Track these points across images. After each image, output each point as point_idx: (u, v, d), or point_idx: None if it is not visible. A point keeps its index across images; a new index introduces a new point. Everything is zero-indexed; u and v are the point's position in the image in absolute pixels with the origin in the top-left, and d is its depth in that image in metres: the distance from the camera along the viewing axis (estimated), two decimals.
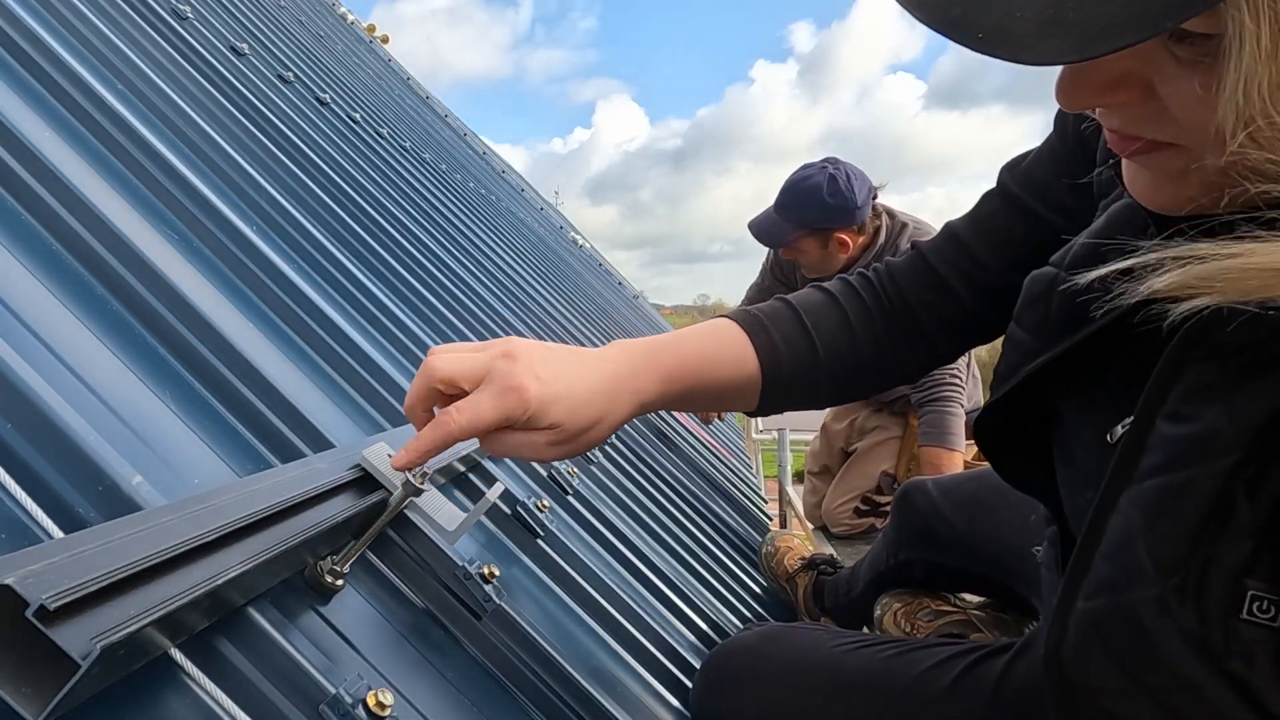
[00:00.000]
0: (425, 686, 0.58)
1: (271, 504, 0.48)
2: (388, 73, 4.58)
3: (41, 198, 0.65)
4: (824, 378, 0.77)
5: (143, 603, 0.35)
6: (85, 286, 0.63)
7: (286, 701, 0.44)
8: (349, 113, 2.31)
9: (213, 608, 0.43)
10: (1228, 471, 0.45)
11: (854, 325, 0.78)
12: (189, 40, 1.44)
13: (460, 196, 2.82)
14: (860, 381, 0.80)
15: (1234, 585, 0.44)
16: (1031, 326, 0.62)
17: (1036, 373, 0.60)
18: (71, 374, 0.54)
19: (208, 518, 0.43)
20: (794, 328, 0.77)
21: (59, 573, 0.32)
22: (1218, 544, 0.44)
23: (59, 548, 0.35)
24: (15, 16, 0.85)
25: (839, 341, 0.77)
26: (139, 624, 0.34)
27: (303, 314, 0.86)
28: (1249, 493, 0.44)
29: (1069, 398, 0.61)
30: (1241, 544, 0.44)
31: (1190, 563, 0.45)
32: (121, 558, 0.36)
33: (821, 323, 0.78)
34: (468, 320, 1.48)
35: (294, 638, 0.46)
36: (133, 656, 0.37)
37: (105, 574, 0.34)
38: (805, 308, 0.78)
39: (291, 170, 1.35)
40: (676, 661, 0.91)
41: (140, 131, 0.86)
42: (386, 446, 0.63)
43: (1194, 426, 0.46)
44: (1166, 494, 0.47)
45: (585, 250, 6.51)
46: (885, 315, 0.79)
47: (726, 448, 3.15)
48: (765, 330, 0.76)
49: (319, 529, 0.51)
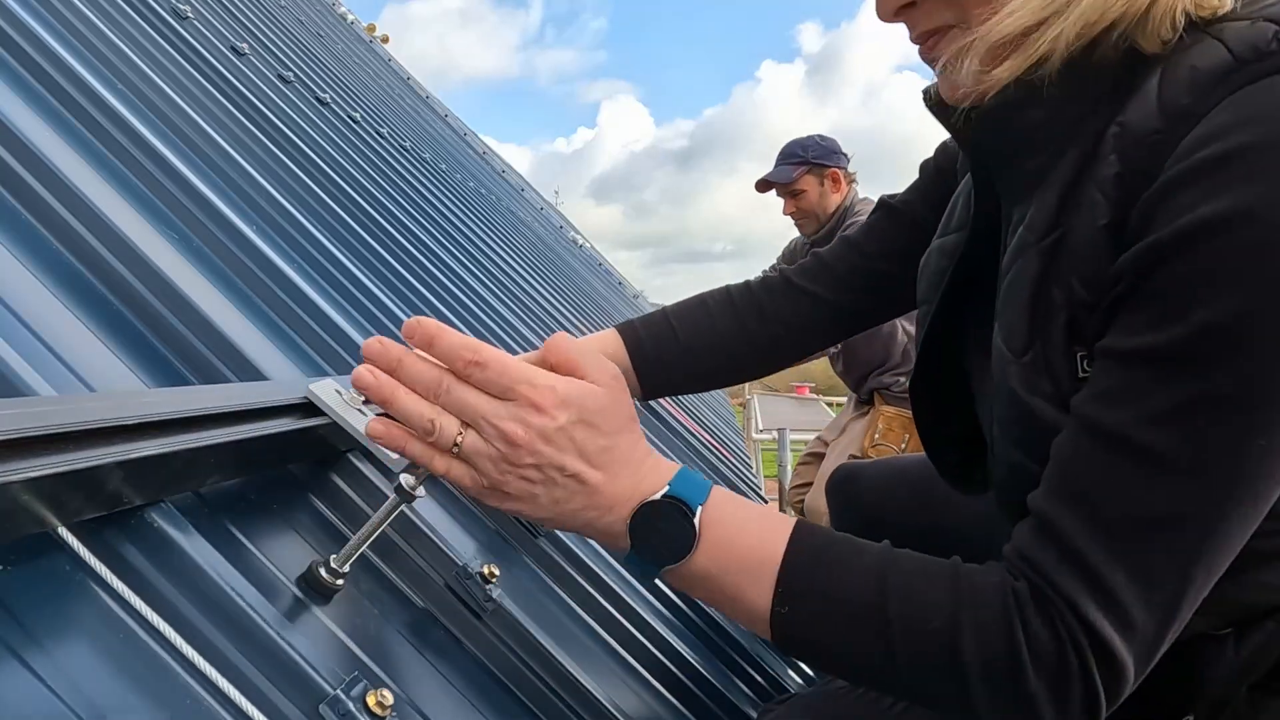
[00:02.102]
0: (425, 686, 0.58)
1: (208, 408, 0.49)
2: (388, 73, 4.58)
3: (42, 197, 0.65)
4: (690, 363, 0.96)
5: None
6: (85, 286, 0.63)
7: (286, 701, 0.44)
8: (349, 112, 2.31)
9: (103, 494, 0.41)
10: (1036, 260, 0.57)
11: (717, 321, 0.97)
12: (189, 40, 1.44)
13: (460, 196, 2.82)
14: (728, 368, 0.99)
15: (1067, 353, 0.55)
16: (923, 295, 0.77)
17: (944, 343, 0.75)
18: (71, 374, 0.54)
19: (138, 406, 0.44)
20: (661, 326, 0.97)
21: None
22: (1047, 324, 0.56)
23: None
24: (15, 16, 0.85)
25: (703, 335, 0.96)
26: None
27: (304, 314, 0.86)
28: (1054, 274, 0.55)
29: (973, 354, 0.72)
30: (1059, 317, 0.55)
31: (1032, 341, 0.57)
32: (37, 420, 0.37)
33: (686, 320, 0.97)
34: (467, 319, 1.48)
35: (294, 637, 0.46)
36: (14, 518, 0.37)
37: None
38: (672, 310, 0.99)
39: (291, 170, 1.35)
40: (677, 661, 0.91)
41: (140, 131, 0.86)
42: (334, 383, 0.61)
43: (1017, 235, 0.60)
44: (1005, 290, 0.60)
45: (585, 250, 6.51)
46: (754, 311, 0.97)
47: (726, 448, 3.15)
48: (634, 329, 0.96)
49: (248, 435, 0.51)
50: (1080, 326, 0.54)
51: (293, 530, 0.60)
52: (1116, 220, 0.52)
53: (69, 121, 0.81)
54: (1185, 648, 0.59)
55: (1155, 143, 0.50)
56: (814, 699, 0.87)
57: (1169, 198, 0.48)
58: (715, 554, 0.55)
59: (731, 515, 0.56)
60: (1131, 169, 0.51)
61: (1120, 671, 0.50)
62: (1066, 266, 0.55)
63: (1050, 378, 0.56)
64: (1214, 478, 0.48)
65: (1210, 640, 0.60)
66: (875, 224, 0.97)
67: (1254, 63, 0.48)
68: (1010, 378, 0.59)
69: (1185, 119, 0.49)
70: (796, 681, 1.23)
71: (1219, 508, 0.48)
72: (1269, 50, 0.48)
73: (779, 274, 0.99)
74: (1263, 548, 0.54)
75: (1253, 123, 0.46)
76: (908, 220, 0.93)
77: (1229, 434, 0.47)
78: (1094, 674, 0.50)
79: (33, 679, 0.36)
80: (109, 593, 0.41)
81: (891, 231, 0.95)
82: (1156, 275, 0.49)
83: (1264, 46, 0.48)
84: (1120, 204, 0.51)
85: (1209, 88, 0.49)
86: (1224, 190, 0.46)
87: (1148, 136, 0.50)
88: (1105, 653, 0.49)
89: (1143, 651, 0.50)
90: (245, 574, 0.48)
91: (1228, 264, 0.46)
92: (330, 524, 0.63)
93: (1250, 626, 0.59)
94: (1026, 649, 0.50)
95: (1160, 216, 0.49)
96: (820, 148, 2.68)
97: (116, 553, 0.43)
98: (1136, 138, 0.51)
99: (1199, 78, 0.49)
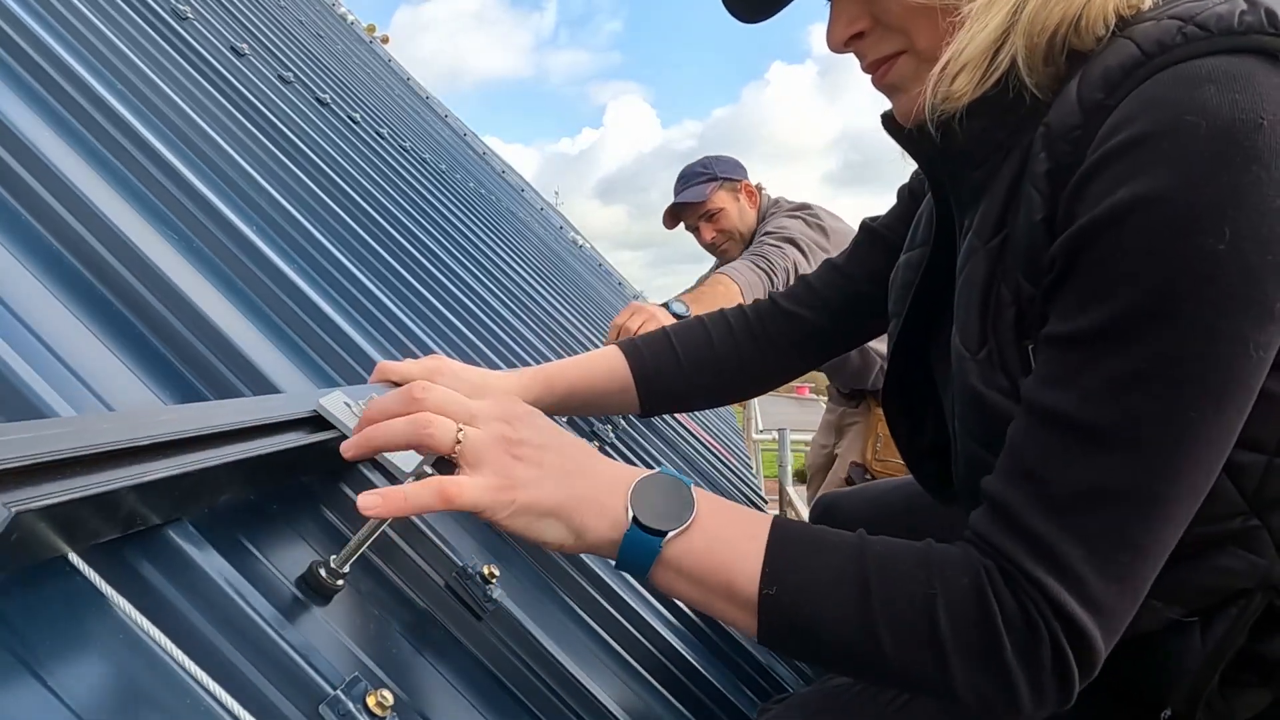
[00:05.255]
0: (425, 687, 0.58)
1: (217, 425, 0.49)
2: (388, 73, 4.58)
3: (42, 197, 0.65)
4: (689, 381, 1.00)
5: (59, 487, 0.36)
6: (85, 286, 0.63)
7: (286, 701, 0.44)
8: (349, 113, 2.31)
9: (120, 515, 0.41)
10: (985, 261, 0.61)
11: (715, 342, 1.01)
12: (189, 40, 1.44)
13: (460, 196, 2.82)
14: (724, 386, 1.04)
15: (1018, 347, 0.58)
16: (892, 308, 0.82)
17: (914, 354, 0.79)
18: (72, 374, 0.54)
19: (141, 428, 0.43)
20: (662, 345, 1.01)
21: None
22: (997, 320, 0.59)
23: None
24: (15, 16, 0.85)
25: (701, 354, 1.01)
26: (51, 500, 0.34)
27: (304, 315, 0.86)
28: (1001, 273, 0.59)
29: (940, 364, 0.75)
30: (1007, 314, 0.58)
31: (985, 339, 0.60)
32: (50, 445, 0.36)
33: (686, 340, 1.01)
34: (468, 320, 1.48)
35: (294, 638, 0.46)
36: (27, 546, 0.36)
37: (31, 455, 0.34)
38: (674, 330, 1.03)
39: (292, 170, 1.35)
40: (677, 661, 0.91)
41: (140, 132, 0.86)
42: (343, 395, 0.62)
43: (967, 239, 0.64)
44: (959, 292, 0.64)
45: (585, 250, 6.51)
46: (746, 333, 1.02)
47: (726, 448, 3.15)
48: (636, 348, 1.00)
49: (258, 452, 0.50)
50: (1028, 321, 0.57)
51: (301, 539, 0.60)
52: (1050, 214, 0.55)
53: (69, 122, 0.81)
54: (1155, 638, 0.62)
55: (1076, 138, 0.53)
56: (812, 697, 0.87)
57: (1086, 186, 0.52)
58: (709, 525, 0.57)
59: (716, 500, 0.59)
60: (1058, 164, 0.54)
61: (1088, 643, 0.51)
62: (1011, 264, 0.58)
63: (1004, 372, 0.59)
64: (1152, 450, 0.50)
65: (1178, 629, 0.61)
66: (858, 247, 1.01)
67: (1159, 55, 0.51)
68: (968, 374, 0.62)
69: (1099, 112, 0.52)
70: (796, 681, 1.23)
71: (1160, 478, 0.50)
72: (1173, 44, 0.51)
73: (768, 297, 1.05)
74: (1219, 532, 0.57)
75: (1158, 109, 0.49)
76: (888, 244, 0.96)
77: (1160, 407, 0.49)
78: (1064, 646, 0.51)
79: (46, 693, 0.36)
80: (89, 582, 0.41)
81: (873, 254, 0.98)
82: (1082, 259, 0.52)
83: (1168, 41, 0.51)
84: (1052, 198, 0.55)
85: (1119, 81, 0.52)
86: (1136, 174, 0.49)
87: (1069, 132, 0.54)
88: (1071, 625, 0.51)
89: (1106, 622, 0.52)
90: (246, 576, 0.48)
91: (1145, 243, 0.49)
92: (340, 534, 0.63)
93: (1215, 613, 0.60)
94: (1001, 620, 0.51)
95: (1081, 204, 0.52)
96: (724, 163, 2.43)
97: (118, 556, 0.43)
98: (1060, 134, 0.54)
99: (1110, 74, 0.52)
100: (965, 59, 0.57)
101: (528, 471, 0.55)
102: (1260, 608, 0.59)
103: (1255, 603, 0.59)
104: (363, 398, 0.62)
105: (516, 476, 0.54)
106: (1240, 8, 0.50)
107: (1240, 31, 0.49)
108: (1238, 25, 0.49)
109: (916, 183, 0.96)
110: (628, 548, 0.56)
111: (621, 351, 1.00)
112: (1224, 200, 0.47)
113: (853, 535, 0.57)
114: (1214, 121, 0.47)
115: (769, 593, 0.55)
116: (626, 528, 0.56)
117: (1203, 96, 0.48)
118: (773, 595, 0.55)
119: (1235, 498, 0.55)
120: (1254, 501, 0.56)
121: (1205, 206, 0.47)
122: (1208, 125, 0.47)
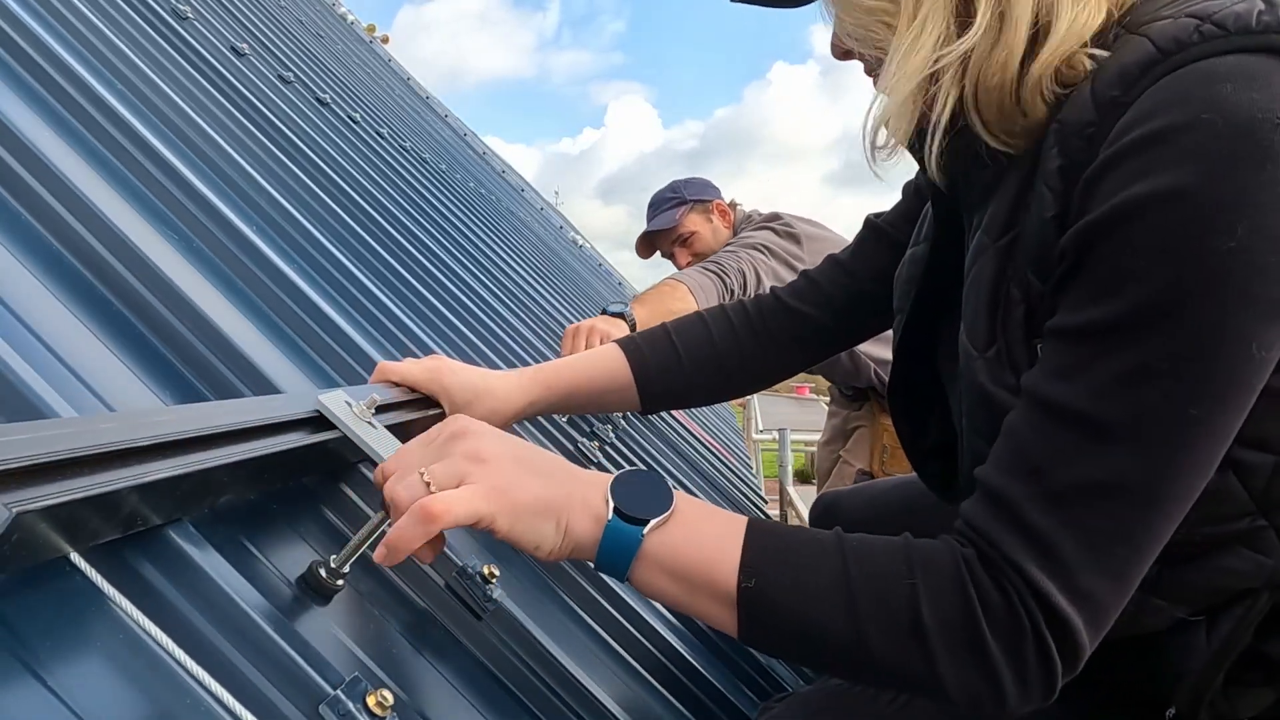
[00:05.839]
0: (425, 687, 0.58)
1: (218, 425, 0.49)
2: (388, 73, 4.58)
3: (42, 197, 0.65)
4: (689, 378, 0.99)
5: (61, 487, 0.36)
6: (85, 286, 0.63)
7: (286, 701, 0.44)
8: (349, 113, 2.31)
9: (120, 515, 0.41)
10: (994, 260, 0.60)
11: (716, 338, 1.00)
12: (189, 40, 1.44)
13: (459, 196, 2.82)
14: (725, 383, 1.02)
15: (1027, 345, 0.58)
16: (897, 304, 0.82)
17: (919, 350, 0.79)
18: (72, 374, 0.54)
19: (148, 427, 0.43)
20: (663, 343, 0.99)
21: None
22: (1007, 318, 0.59)
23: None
24: (15, 16, 0.85)
25: (702, 351, 0.99)
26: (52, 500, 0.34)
27: (304, 315, 0.86)
28: (1010, 272, 0.59)
29: (945, 360, 0.74)
30: (1016, 312, 0.58)
31: (994, 337, 0.60)
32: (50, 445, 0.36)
33: (687, 337, 1.00)
34: (468, 320, 1.48)
35: (294, 638, 0.46)
36: (28, 546, 0.36)
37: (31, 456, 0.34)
38: (674, 326, 1.01)
39: (292, 170, 1.35)
40: (677, 661, 0.91)
41: (140, 132, 0.86)
42: (344, 394, 0.62)
43: (976, 237, 0.64)
44: (967, 291, 0.64)
45: (585, 250, 6.51)
46: (748, 329, 1.01)
47: (726, 448, 3.15)
48: (636, 345, 0.99)
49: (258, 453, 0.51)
50: (1037, 319, 0.57)
51: (301, 539, 0.60)
52: (1061, 211, 0.55)
53: (69, 122, 0.81)
54: (1159, 637, 0.62)
55: (1090, 134, 0.53)
56: (813, 696, 0.87)
57: (1102, 180, 0.51)
58: (688, 518, 0.57)
59: (693, 499, 0.60)
60: (1071, 160, 0.54)
61: (1073, 636, 0.51)
62: (1021, 261, 0.58)
63: (1013, 370, 0.59)
64: (1154, 446, 0.50)
65: (1183, 628, 0.62)
66: (862, 244, 1.01)
67: (1176, 53, 0.51)
68: (977, 373, 0.62)
69: (1115, 108, 0.52)
70: (796, 681, 1.23)
71: (1161, 475, 0.50)
72: (1190, 41, 0.50)
73: (771, 292, 1.04)
74: (1227, 532, 0.57)
75: (1175, 106, 0.49)
76: (893, 240, 0.95)
77: (1166, 404, 0.49)
78: (1046, 637, 0.51)
79: (47, 693, 0.36)
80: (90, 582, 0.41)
81: (877, 251, 0.98)
82: (1093, 253, 0.52)
83: (1185, 38, 0.51)
84: (1063, 195, 0.54)
85: (1135, 79, 0.52)
86: (1152, 170, 0.49)
87: (1084, 129, 0.53)
88: (1055, 616, 0.51)
89: (1092, 616, 0.51)
90: (246, 576, 0.48)
91: (1158, 239, 0.49)
92: (340, 534, 0.63)
93: (1220, 613, 0.60)
94: (981, 610, 0.51)
95: (1095, 198, 0.52)
96: (694, 185, 2.38)
97: (119, 557, 0.43)
98: (1073, 130, 0.54)
99: (1127, 71, 0.52)
100: (886, 114, 0.60)
101: (508, 471, 0.56)
102: (1266, 607, 0.59)
103: (1261, 602, 0.59)
104: (363, 398, 0.62)
105: (502, 473, 0.55)
106: (1258, 7, 0.50)
107: (1258, 31, 0.49)
108: (1255, 25, 0.49)
109: (922, 179, 0.95)
110: (609, 540, 0.56)
111: (622, 350, 1.00)
112: (1239, 199, 0.47)
113: (829, 532, 0.57)
114: (1231, 120, 0.47)
115: (748, 585, 0.55)
116: (608, 519, 0.56)
117: (1220, 94, 0.48)
118: (752, 588, 0.55)
119: (1243, 498, 0.55)
120: (1261, 502, 0.56)
121: (1220, 205, 0.47)
122: (1225, 123, 0.47)
